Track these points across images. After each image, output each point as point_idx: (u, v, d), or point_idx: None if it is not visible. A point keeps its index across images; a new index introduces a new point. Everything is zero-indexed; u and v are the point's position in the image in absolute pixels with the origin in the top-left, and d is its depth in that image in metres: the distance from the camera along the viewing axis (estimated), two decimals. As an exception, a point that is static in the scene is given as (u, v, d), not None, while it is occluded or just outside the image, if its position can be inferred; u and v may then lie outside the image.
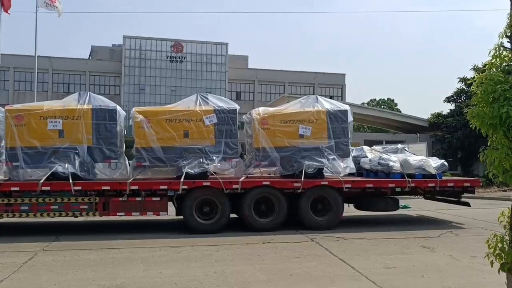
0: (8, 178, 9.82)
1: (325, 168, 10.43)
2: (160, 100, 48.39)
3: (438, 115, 30.86)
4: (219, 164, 10.00)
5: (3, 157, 9.91)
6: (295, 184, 10.07)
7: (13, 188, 9.29)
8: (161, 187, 9.64)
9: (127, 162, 10.30)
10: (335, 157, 10.46)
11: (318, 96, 11.27)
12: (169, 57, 52.07)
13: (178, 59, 52.36)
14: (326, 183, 10.30)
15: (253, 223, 9.96)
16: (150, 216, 10.07)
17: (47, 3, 24.60)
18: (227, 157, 10.09)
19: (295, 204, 10.22)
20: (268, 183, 10.08)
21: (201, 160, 9.85)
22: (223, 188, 9.71)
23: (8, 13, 23.34)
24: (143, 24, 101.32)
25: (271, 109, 11.26)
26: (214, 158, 9.93)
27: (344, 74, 60.14)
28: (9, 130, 9.49)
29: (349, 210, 11.65)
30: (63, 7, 25.45)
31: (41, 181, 9.16)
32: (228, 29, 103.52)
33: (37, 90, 29.06)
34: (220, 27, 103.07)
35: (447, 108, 41.45)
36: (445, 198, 12.07)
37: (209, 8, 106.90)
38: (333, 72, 59.79)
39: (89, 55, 56.36)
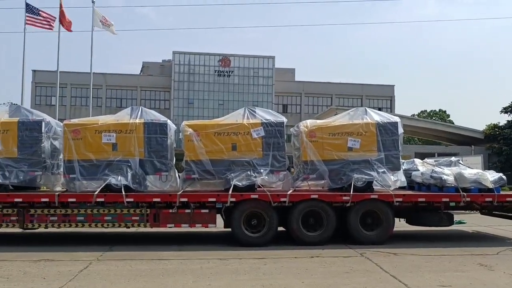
0: (65, 189, 10.27)
1: (374, 182, 10.20)
2: (208, 114, 49.32)
3: (495, 126, 29.65)
4: (266, 177, 10.02)
5: (62, 169, 10.39)
6: (344, 198, 9.90)
7: (70, 199, 9.69)
8: (210, 199, 9.75)
9: (177, 175, 10.51)
10: (385, 170, 10.23)
11: (367, 108, 11.10)
12: (217, 71, 53.08)
13: (226, 73, 53.26)
14: (376, 196, 10.08)
15: (301, 237, 9.87)
16: (198, 228, 10.20)
17: (102, 22, 25.90)
18: (274, 170, 10.10)
19: (344, 218, 10.05)
20: (316, 196, 9.98)
21: (248, 173, 9.91)
22: (271, 201, 9.69)
23: (70, 31, 24.73)
24: (192, 39, 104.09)
25: (319, 121, 11.17)
26: (261, 171, 9.96)
27: (393, 86, 59.05)
28: (67, 144, 9.92)
29: (400, 225, 11.30)
30: (114, 27, 26.69)
31: (96, 193, 9.50)
32: (275, 42, 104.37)
33: (92, 105, 30.38)
34: (267, 41, 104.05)
35: (503, 119, 39.70)
36: (503, 213, 11.48)
37: (256, 22, 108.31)
38: (382, 84, 58.84)
39: (141, 71, 58.39)
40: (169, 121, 10.48)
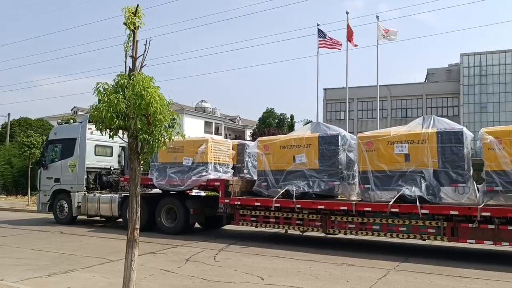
0: (360, 199, 10.81)
1: None
2: (506, 118, 43.85)
3: None
4: None
5: (356, 179, 11.01)
6: None
7: (366, 209, 10.16)
8: (518, 215, 8.60)
9: (475, 186, 9.71)
10: None
11: None
12: (515, 70, 46.75)
13: (527, 70, 46.34)
14: None
15: None
16: (505, 247, 9.11)
17: (383, 35, 26.44)
18: None
19: None
20: None
21: None
22: None
23: (356, 46, 26.36)
24: (481, 39, 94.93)
25: None
26: None
27: None
28: (361, 155, 10.46)
29: None
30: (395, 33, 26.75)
31: (391, 203, 9.65)
32: None
33: (379, 117, 31.17)
34: None
35: None
36: None
37: None
38: None
39: (425, 79, 56.73)
40: (465, 129, 9.79)
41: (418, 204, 9.38)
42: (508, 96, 46.69)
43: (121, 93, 4.77)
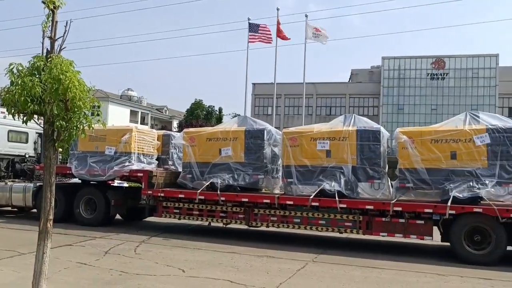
0: (283, 192, 11.06)
1: None
2: (420, 120, 46.86)
3: None
4: (492, 189, 9.00)
5: (280, 173, 11.24)
6: None
7: (288, 202, 10.42)
8: (426, 210, 9.27)
9: (389, 183, 10.30)
10: None
11: None
12: (429, 75, 50.03)
13: (440, 76, 49.79)
14: None
15: (537, 260, 8.55)
16: (413, 239, 9.78)
17: (314, 34, 27.16)
18: (502, 182, 9.01)
19: None
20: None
21: (471, 184, 9.08)
22: (499, 216, 8.67)
23: (288, 39, 26.77)
24: (401, 43, 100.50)
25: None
26: (486, 182, 9.00)
27: None
28: (285, 150, 10.70)
29: None
30: (325, 33, 27.57)
31: (311, 197, 9.98)
32: (498, 39, 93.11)
33: (304, 114, 32.01)
34: (487, 38, 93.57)
35: None
36: None
37: (472, 19, 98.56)
38: None
39: (349, 79, 59.06)
40: (382, 128, 10.36)
41: (337, 198, 9.79)
42: (423, 99, 49.91)
43: (37, 76, 4.49)
